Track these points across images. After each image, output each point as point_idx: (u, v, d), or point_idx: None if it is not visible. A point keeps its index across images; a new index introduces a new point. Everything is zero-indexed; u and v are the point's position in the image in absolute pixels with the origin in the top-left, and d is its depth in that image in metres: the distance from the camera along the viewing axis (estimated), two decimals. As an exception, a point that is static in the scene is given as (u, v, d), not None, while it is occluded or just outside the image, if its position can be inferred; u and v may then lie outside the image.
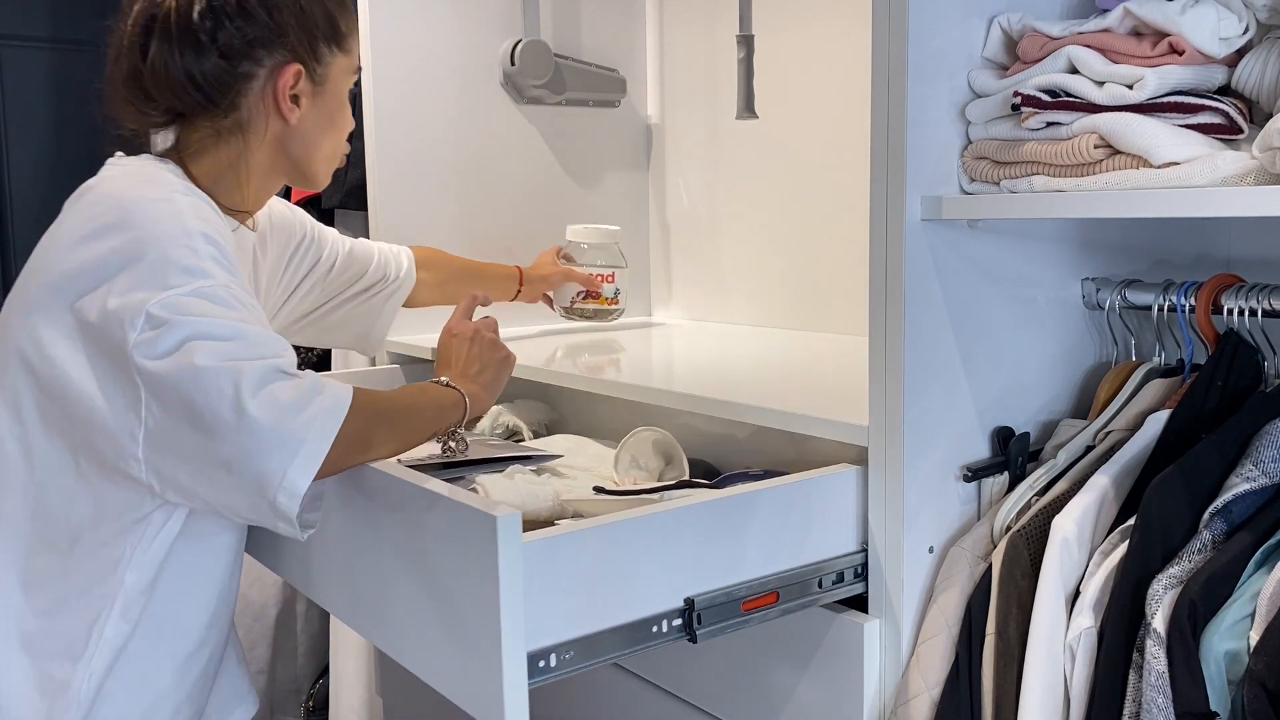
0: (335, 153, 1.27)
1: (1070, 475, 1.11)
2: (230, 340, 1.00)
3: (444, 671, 0.99)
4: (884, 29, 1.05)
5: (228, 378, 0.98)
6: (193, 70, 1.14)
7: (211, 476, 1.01)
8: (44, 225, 1.17)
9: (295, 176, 1.27)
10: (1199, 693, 0.89)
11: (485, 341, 1.32)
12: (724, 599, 1.03)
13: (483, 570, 0.89)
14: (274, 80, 1.17)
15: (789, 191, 1.90)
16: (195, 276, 1.03)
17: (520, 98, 1.99)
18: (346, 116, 1.27)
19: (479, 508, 0.90)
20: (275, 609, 2.43)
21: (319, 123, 1.23)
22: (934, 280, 1.08)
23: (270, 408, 0.98)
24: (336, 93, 1.24)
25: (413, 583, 1.02)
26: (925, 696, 1.07)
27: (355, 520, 1.12)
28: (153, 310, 1.00)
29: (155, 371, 0.99)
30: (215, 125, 1.18)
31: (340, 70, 1.24)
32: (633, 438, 1.36)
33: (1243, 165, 0.93)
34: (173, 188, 1.12)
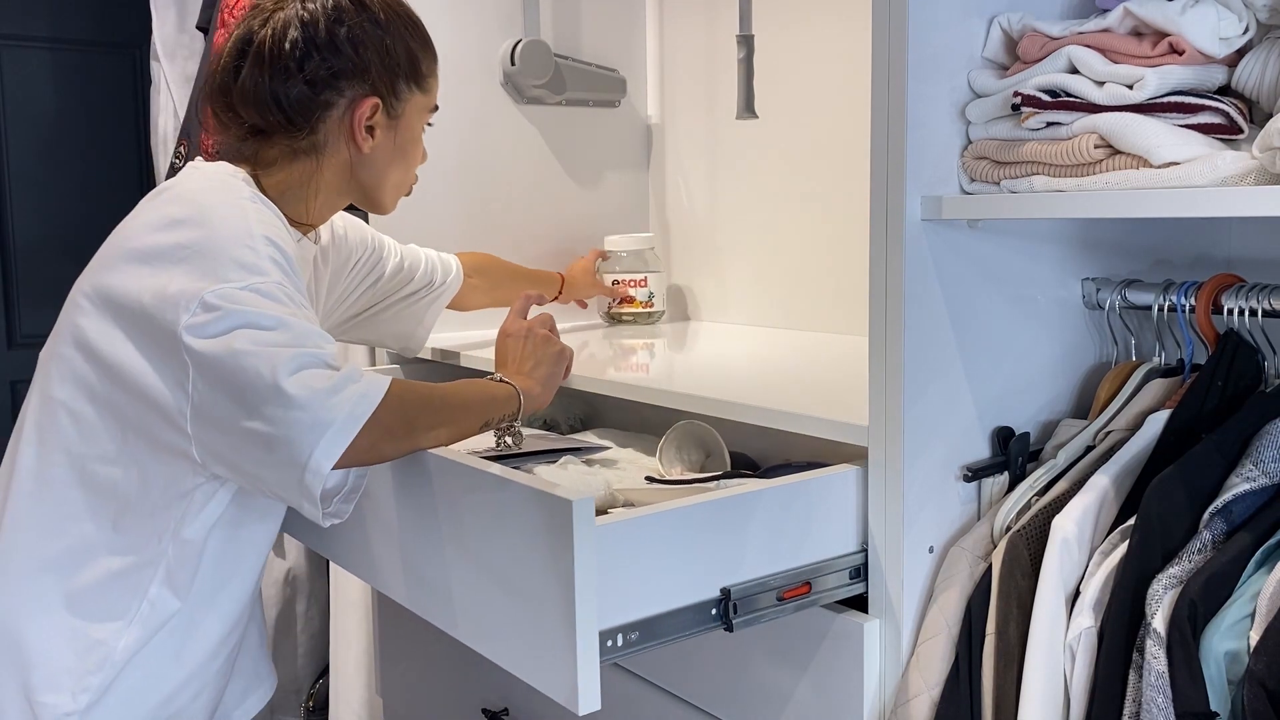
0: (403, 183, 1.35)
1: (1070, 475, 1.11)
2: (274, 330, 1.05)
3: (516, 652, 1.02)
4: (884, 29, 1.05)
5: (266, 361, 1.03)
6: (279, 93, 1.22)
7: (249, 452, 1.06)
8: (44, 224, 1.19)
9: (362, 200, 1.34)
10: (1199, 693, 0.89)
11: (539, 338, 1.36)
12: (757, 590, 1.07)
13: (558, 552, 0.93)
14: (352, 110, 1.25)
15: (789, 191, 1.90)
16: (252, 273, 1.09)
17: (520, 98, 1.99)
18: (418, 151, 1.34)
19: (556, 493, 0.94)
20: (275, 609, 2.43)
21: (390, 154, 1.30)
22: (934, 280, 1.09)
23: (304, 390, 1.02)
24: (410, 128, 1.31)
25: (483, 567, 1.05)
26: (925, 696, 1.07)
27: (422, 507, 1.13)
28: (208, 298, 1.06)
29: (202, 351, 1.05)
30: (292, 145, 1.24)
31: (416, 107, 1.31)
32: (675, 431, 1.38)
33: (1243, 165, 0.93)
34: (243, 195, 1.19)
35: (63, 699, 1.15)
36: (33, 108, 3.05)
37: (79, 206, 3.09)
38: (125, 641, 1.16)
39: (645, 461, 1.43)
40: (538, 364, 1.32)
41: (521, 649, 1.00)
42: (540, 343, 1.35)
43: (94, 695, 1.15)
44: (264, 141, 1.25)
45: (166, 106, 2.53)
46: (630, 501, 1.19)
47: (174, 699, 1.22)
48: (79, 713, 1.15)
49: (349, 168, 1.28)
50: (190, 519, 1.16)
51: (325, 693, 2.31)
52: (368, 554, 1.28)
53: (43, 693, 1.14)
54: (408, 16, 1.30)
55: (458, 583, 1.10)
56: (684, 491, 1.17)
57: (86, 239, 1.29)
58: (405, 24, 1.29)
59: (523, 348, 1.34)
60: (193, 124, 2.21)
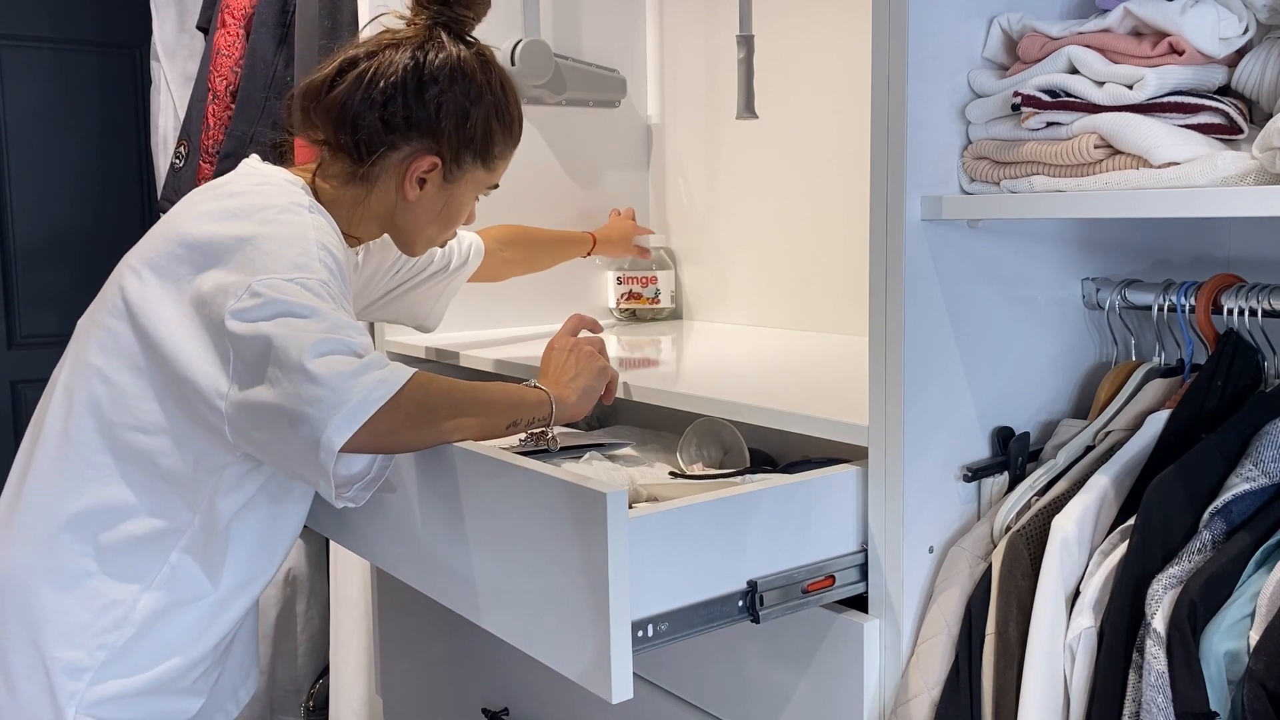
0: (437, 238, 1.40)
1: (1070, 475, 1.11)
2: (309, 318, 1.10)
3: (547, 643, 1.03)
4: (884, 29, 1.05)
5: (295, 341, 1.07)
6: (357, 118, 1.27)
7: (273, 429, 1.10)
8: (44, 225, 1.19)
9: (395, 238, 1.39)
10: (1199, 693, 0.89)
11: (584, 354, 1.37)
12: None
13: (592, 544, 0.94)
14: (411, 161, 1.29)
15: (789, 191, 1.90)
16: (299, 269, 1.14)
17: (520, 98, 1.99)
18: (460, 215, 1.39)
19: (590, 486, 0.96)
20: (275, 609, 2.43)
21: (433, 210, 1.34)
22: (934, 280, 1.09)
23: (327, 370, 1.06)
24: (462, 194, 1.35)
25: (514, 559, 1.06)
26: (925, 696, 1.07)
27: (452, 500, 1.14)
28: (255, 286, 1.11)
29: (240, 333, 1.10)
30: (352, 168, 1.29)
31: (474, 180, 1.35)
32: (694, 427, 1.39)
33: (1243, 165, 0.93)
34: (300, 201, 1.24)
35: (78, 654, 1.19)
36: (33, 108, 3.06)
37: (79, 207, 3.09)
38: (144, 603, 1.21)
39: (664, 458, 1.44)
40: (577, 375, 1.32)
41: (553, 640, 1.02)
42: (584, 358, 1.35)
43: (110, 653, 1.20)
44: (330, 154, 1.30)
45: (166, 106, 2.53)
46: (654, 496, 1.20)
47: (189, 672, 1.26)
48: (94, 669, 1.19)
49: (392, 208, 1.33)
50: (221, 496, 1.21)
51: (325, 693, 2.31)
52: (395, 547, 1.29)
53: (57, 648, 1.19)
54: (503, 96, 1.35)
55: (487, 575, 1.11)
56: (707, 486, 1.19)
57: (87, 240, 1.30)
58: (498, 103, 1.34)
59: (565, 360, 1.35)
60: (193, 124, 2.21)
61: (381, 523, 1.30)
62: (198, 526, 1.22)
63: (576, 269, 2.09)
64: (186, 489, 1.21)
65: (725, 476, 1.25)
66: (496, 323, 1.99)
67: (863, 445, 1.11)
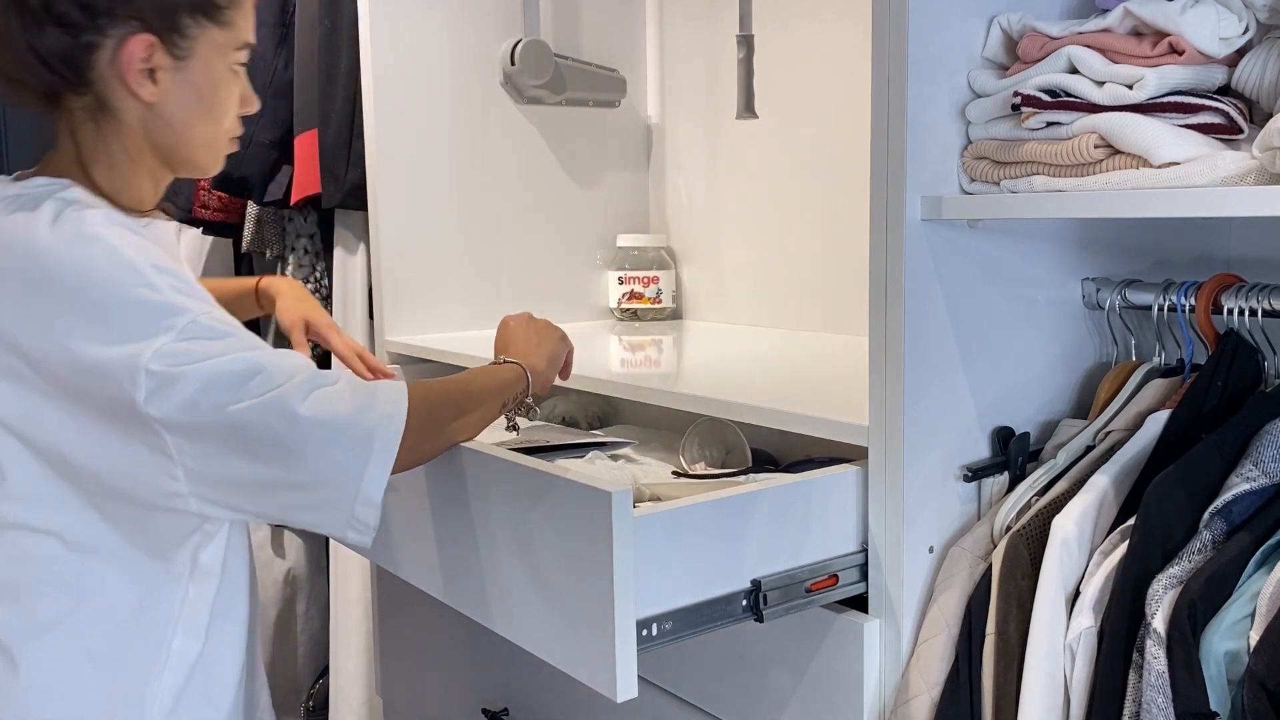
0: (217, 140, 1.13)
1: (1070, 475, 1.11)
2: (252, 376, 0.98)
3: (552, 641, 1.03)
4: (884, 29, 1.05)
5: (270, 410, 0.97)
6: (35, 44, 1.03)
7: (280, 499, 1.02)
8: None
9: (176, 165, 1.13)
10: (1199, 693, 0.89)
11: (541, 323, 1.35)
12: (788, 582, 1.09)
13: (597, 543, 0.94)
14: (119, 53, 1.04)
15: (789, 191, 1.90)
16: (173, 315, 0.97)
17: (520, 98, 1.99)
18: (227, 98, 1.12)
19: (594, 485, 0.96)
20: (275, 609, 2.43)
21: (186, 104, 1.08)
22: (934, 280, 1.09)
23: (328, 425, 0.99)
24: (209, 69, 1.09)
25: (519, 558, 1.06)
26: (925, 696, 1.07)
27: (456, 500, 1.14)
28: (152, 367, 0.95)
29: (186, 423, 0.97)
30: (85, 108, 1.06)
31: (212, 45, 1.09)
32: (696, 427, 1.39)
33: (1243, 165, 0.93)
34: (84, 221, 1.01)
35: None
36: (33, 108, 3.06)
37: (79, 206, 3.10)
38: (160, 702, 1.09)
39: (666, 458, 1.45)
40: (540, 342, 1.31)
41: (558, 638, 1.02)
42: (542, 326, 1.34)
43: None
44: (62, 114, 1.07)
45: (166, 106, 2.53)
46: (657, 496, 1.20)
47: None
48: None
49: (144, 126, 1.08)
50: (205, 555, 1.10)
51: (325, 693, 2.30)
52: (399, 548, 1.28)
53: None
54: None
55: (492, 575, 1.11)
56: (710, 486, 1.19)
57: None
58: None
59: (525, 330, 1.33)
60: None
61: (384, 524, 1.30)
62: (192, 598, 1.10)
63: (576, 269, 2.09)
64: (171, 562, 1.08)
65: (727, 476, 1.25)
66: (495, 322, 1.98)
67: (863, 445, 1.11)
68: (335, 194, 1.95)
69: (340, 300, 2.09)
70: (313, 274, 2.16)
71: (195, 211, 2.21)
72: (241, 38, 1.12)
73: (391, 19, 1.84)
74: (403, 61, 1.86)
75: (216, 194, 2.17)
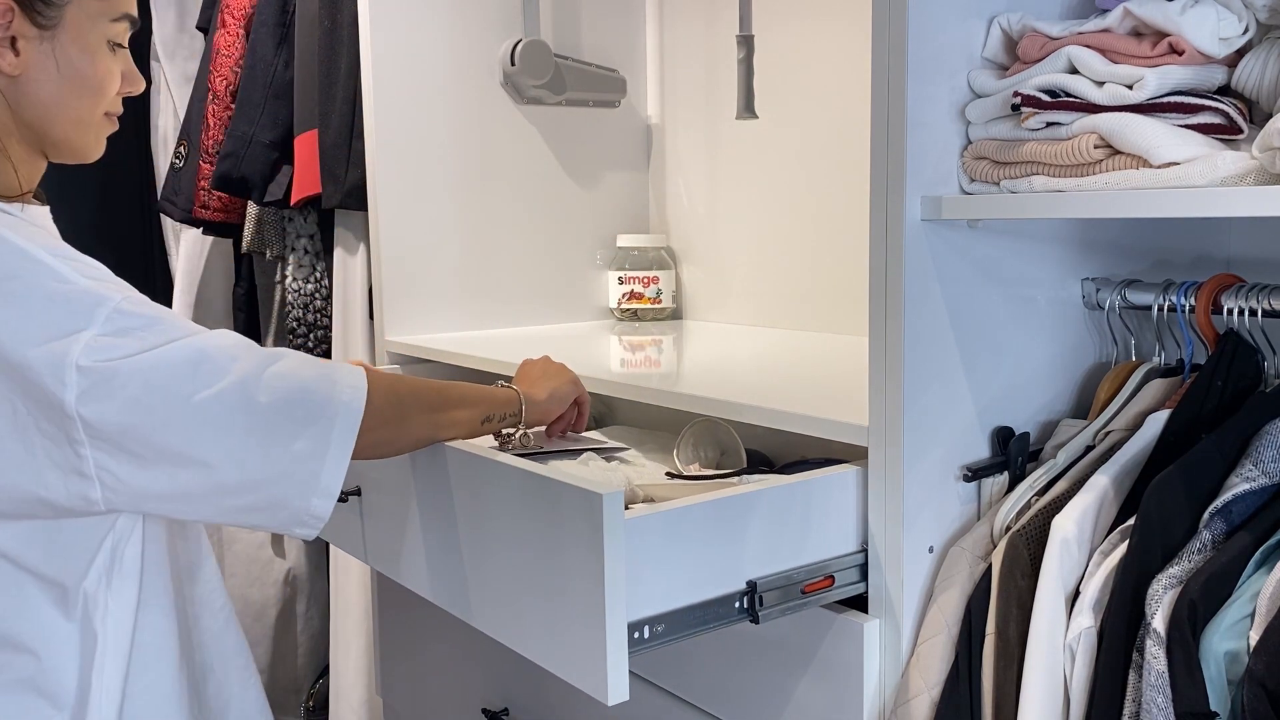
0: (90, 115, 1.04)
1: (1070, 475, 1.11)
2: (199, 364, 0.92)
3: (543, 644, 1.03)
4: (884, 29, 1.05)
5: (228, 404, 0.92)
6: None
7: (224, 502, 0.96)
8: None
9: (47, 147, 1.04)
10: (1199, 693, 0.89)
11: (557, 365, 1.34)
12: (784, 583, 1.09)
13: (588, 545, 0.94)
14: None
15: (789, 191, 1.90)
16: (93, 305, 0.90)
17: (520, 98, 1.99)
18: (104, 74, 1.03)
19: (586, 487, 0.95)
20: (275, 609, 2.43)
21: (55, 75, 1.00)
22: (934, 280, 1.09)
23: (286, 413, 0.94)
24: (81, 41, 1.01)
25: (510, 560, 1.06)
26: (925, 696, 1.07)
27: (447, 501, 1.14)
28: (83, 363, 0.88)
29: (126, 426, 0.90)
30: None
31: (84, 14, 1.01)
32: (691, 428, 1.39)
33: (1243, 165, 0.93)
34: None
35: None
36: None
37: (79, 206, 3.09)
38: None
39: (661, 459, 1.45)
40: (547, 377, 1.30)
41: (549, 641, 1.02)
42: (557, 367, 1.34)
43: None
44: None
45: (166, 106, 2.53)
46: (650, 497, 1.20)
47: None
48: None
49: (6, 100, 0.99)
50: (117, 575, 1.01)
51: (325, 693, 2.31)
52: (392, 549, 1.29)
53: None
54: None
55: (483, 576, 1.11)
56: (705, 487, 1.19)
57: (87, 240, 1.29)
58: None
59: (539, 366, 1.33)
60: (193, 124, 2.21)
61: (377, 525, 1.30)
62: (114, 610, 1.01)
63: (576, 269, 2.09)
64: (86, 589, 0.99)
65: (722, 477, 1.25)
66: (495, 323, 1.99)
67: (863, 445, 1.11)
68: (335, 194, 1.95)
69: (340, 300, 2.09)
70: (313, 274, 2.15)
71: (195, 211, 2.21)
72: (119, 8, 1.04)
73: (391, 19, 1.84)
74: (403, 61, 1.86)
75: (216, 194, 2.17)
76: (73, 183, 1.16)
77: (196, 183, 2.18)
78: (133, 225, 3.07)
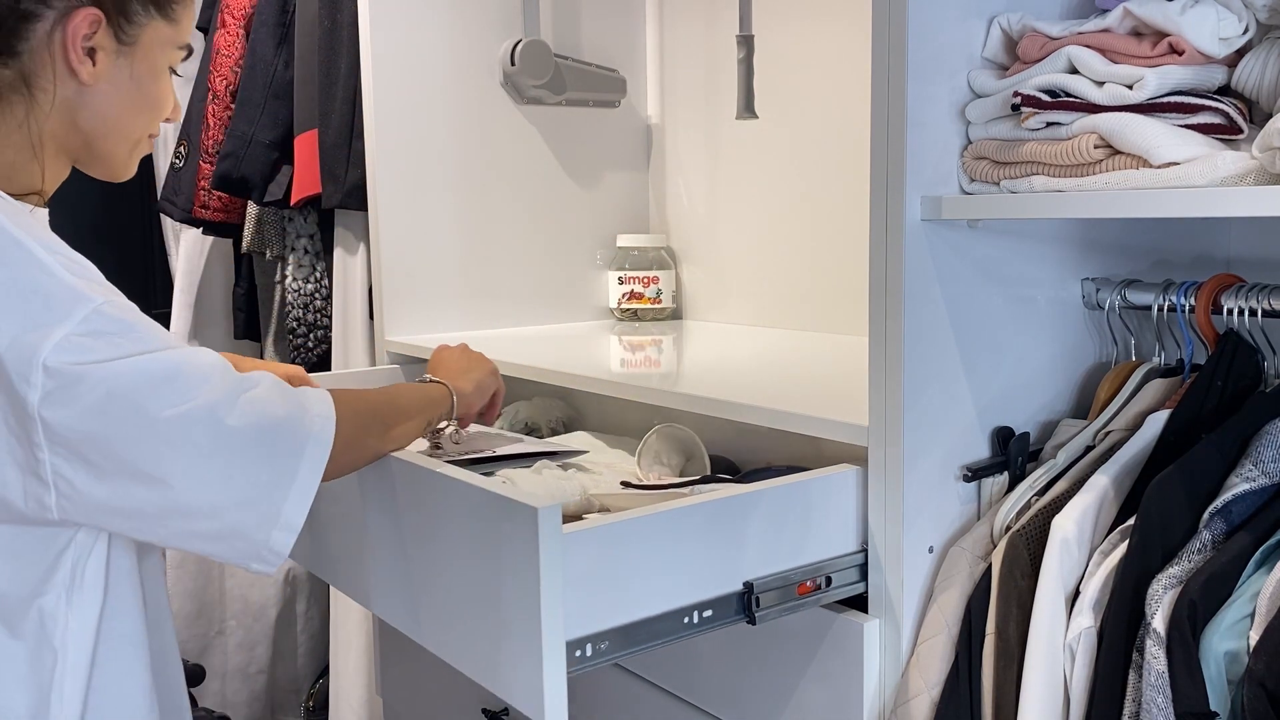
0: (140, 137, 1.07)
1: (1070, 475, 1.11)
2: (170, 379, 0.89)
3: (482, 662, 1.00)
4: (884, 29, 1.05)
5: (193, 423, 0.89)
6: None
7: (180, 526, 0.92)
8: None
9: (86, 158, 1.06)
10: (1199, 693, 0.89)
11: (475, 354, 1.35)
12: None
13: (524, 561, 0.91)
14: (64, 24, 0.97)
15: (789, 191, 1.90)
16: (72, 303, 0.89)
17: (520, 98, 1.99)
18: (161, 93, 1.06)
19: (521, 500, 0.91)
20: (275, 609, 2.43)
21: (122, 91, 1.02)
22: (934, 280, 1.09)
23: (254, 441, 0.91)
24: (150, 62, 1.03)
25: (450, 575, 1.04)
26: (925, 696, 1.07)
27: (390, 515, 1.13)
28: (51, 363, 0.86)
29: (86, 433, 0.88)
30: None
31: (158, 39, 1.04)
32: (655, 434, 1.38)
33: (1243, 165, 0.93)
34: None
35: None
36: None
37: (78, 206, 3.09)
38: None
39: (623, 465, 1.42)
40: (470, 369, 1.30)
41: (488, 658, 0.99)
42: (476, 356, 1.34)
43: None
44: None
45: (167, 106, 2.53)
46: (606, 507, 1.18)
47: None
48: None
49: (69, 107, 1.00)
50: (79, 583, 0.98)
51: (325, 693, 2.31)
52: (336, 559, 1.27)
53: None
54: None
55: (423, 591, 1.08)
56: (659, 497, 1.16)
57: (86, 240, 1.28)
58: None
59: (458, 357, 1.33)
60: (193, 124, 2.21)
61: (323, 536, 1.28)
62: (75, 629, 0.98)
63: (576, 269, 2.10)
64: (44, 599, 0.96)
65: (676, 487, 1.22)
66: (495, 323, 1.99)
67: (863, 445, 1.11)
68: (335, 194, 1.95)
69: (340, 300, 2.09)
70: (313, 274, 2.16)
71: (195, 211, 2.21)
72: (184, 38, 1.07)
73: (391, 19, 1.84)
74: (403, 61, 1.86)
75: (216, 194, 2.17)
76: (73, 183, 1.16)
77: (196, 183, 2.19)
78: (133, 225, 3.07)
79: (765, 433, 1.28)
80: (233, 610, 2.44)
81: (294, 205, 2.03)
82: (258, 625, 2.42)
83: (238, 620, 2.44)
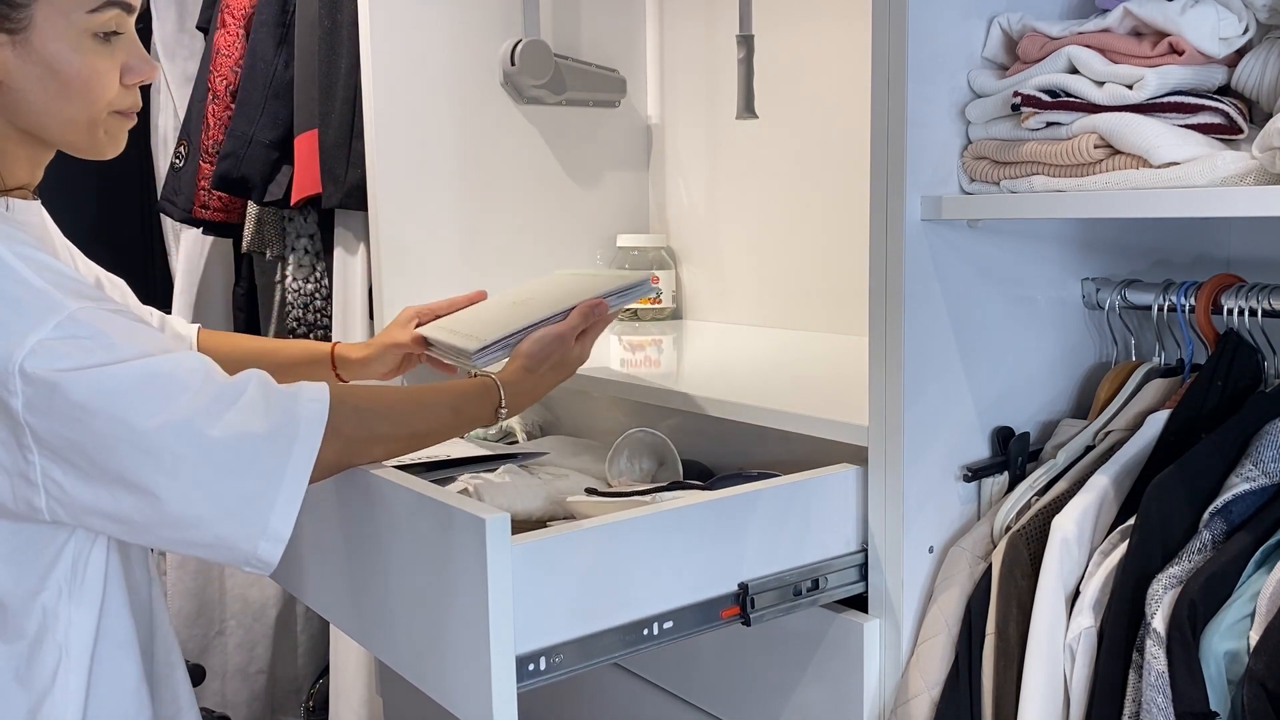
0: (85, 117, 1.00)
1: (1070, 475, 1.11)
2: (148, 386, 0.87)
3: (433, 675, 0.98)
4: (884, 29, 1.05)
5: (174, 432, 0.87)
6: None
7: (163, 534, 0.91)
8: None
9: (54, 146, 1.03)
10: (1199, 693, 0.89)
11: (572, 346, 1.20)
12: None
13: (472, 573, 0.88)
14: None
15: (789, 191, 1.90)
16: (47, 310, 0.87)
17: (520, 98, 1.99)
18: (88, 70, 0.98)
19: (468, 510, 0.88)
20: (275, 609, 2.43)
21: (39, 79, 0.96)
22: (934, 280, 1.09)
23: (238, 450, 0.89)
24: (58, 40, 0.96)
25: (403, 586, 1.01)
26: (925, 696, 1.07)
27: (346, 522, 1.11)
28: (28, 369, 0.85)
29: (67, 440, 0.87)
30: None
31: (55, 10, 0.95)
32: (626, 439, 1.37)
33: (1243, 165, 0.93)
34: None
35: None
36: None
37: (78, 207, 3.09)
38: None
39: (595, 470, 1.39)
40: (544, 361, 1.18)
41: (438, 672, 0.96)
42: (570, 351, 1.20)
43: None
44: None
45: (166, 106, 2.53)
46: (572, 514, 1.17)
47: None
48: None
49: (2, 107, 0.97)
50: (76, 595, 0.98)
51: (325, 692, 2.30)
52: (292, 564, 1.22)
53: None
54: None
55: (374, 601, 1.06)
56: (623, 504, 1.13)
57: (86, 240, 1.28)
58: None
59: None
60: (193, 124, 2.21)
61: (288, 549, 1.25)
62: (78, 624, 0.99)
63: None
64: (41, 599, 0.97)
65: (640, 494, 1.20)
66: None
67: (863, 445, 1.11)
68: (335, 194, 1.95)
69: (340, 300, 2.09)
70: (313, 274, 2.15)
71: (195, 211, 2.21)
72: (92, 3, 0.97)
73: (391, 19, 1.84)
74: (403, 61, 1.86)
75: (216, 194, 2.17)
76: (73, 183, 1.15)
77: (196, 183, 2.18)
78: (133, 225, 3.07)
79: (765, 432, 1.28)
80: (233, 610, 2.44)
81: (294, 205, 2.03)
82: (258, 625, 2.42)
83: (238, 620, 2.44)
